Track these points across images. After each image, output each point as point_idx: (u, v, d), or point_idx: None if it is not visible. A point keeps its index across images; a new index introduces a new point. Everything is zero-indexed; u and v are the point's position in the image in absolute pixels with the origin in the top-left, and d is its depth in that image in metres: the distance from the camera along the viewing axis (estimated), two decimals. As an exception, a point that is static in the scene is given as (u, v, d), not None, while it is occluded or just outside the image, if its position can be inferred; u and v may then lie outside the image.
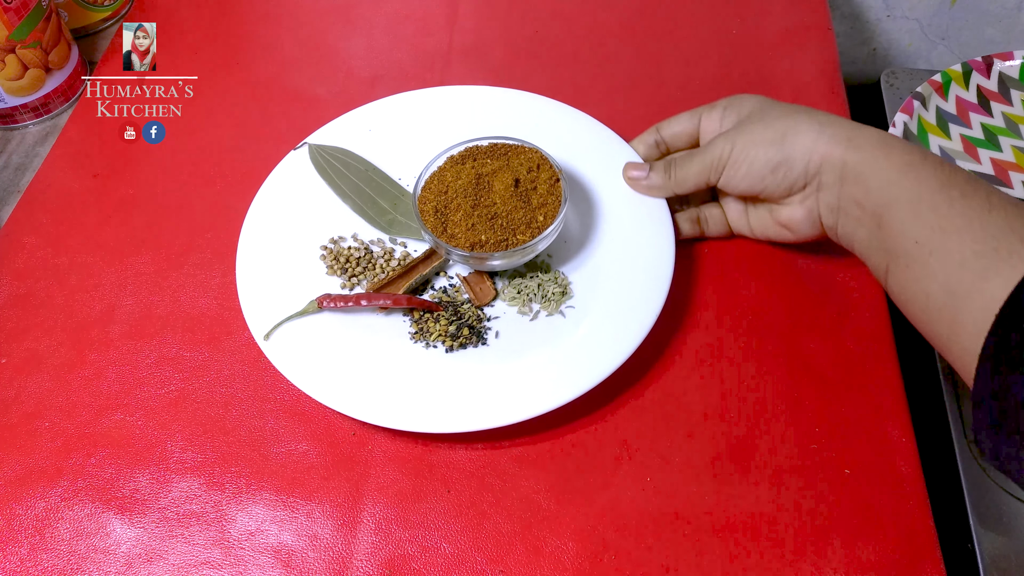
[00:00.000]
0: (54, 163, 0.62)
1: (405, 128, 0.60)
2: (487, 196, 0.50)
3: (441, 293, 0.52)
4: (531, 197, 0.50)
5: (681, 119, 0.53)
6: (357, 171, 0.57)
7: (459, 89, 0.61)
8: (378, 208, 0.55)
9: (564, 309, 0.50)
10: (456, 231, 0.49)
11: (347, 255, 0.53)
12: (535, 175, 0.51)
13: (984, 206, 0.37)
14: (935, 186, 0.39)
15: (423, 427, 0.45)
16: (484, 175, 0.51)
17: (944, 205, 0.38)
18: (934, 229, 0.38)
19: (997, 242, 0.36)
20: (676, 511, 0.44)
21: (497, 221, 0.49)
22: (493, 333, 0.50)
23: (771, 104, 0.48)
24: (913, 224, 0.40)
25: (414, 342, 0.50)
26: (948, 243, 0.38)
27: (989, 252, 0.36)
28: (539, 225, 0.49)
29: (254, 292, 0.51)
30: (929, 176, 0.40)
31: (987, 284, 0.35)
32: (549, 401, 0.45)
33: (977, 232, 0.37)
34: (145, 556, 0.43)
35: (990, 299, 0.35)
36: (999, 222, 0.36)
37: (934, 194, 0.39)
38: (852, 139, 0.43)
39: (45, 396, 0.50)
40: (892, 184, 0.41)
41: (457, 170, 0.51)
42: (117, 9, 0.74)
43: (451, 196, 0.50)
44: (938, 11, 0.89)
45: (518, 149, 0.52)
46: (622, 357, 0.46)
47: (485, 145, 0.53)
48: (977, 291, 0.36)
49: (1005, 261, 0.35)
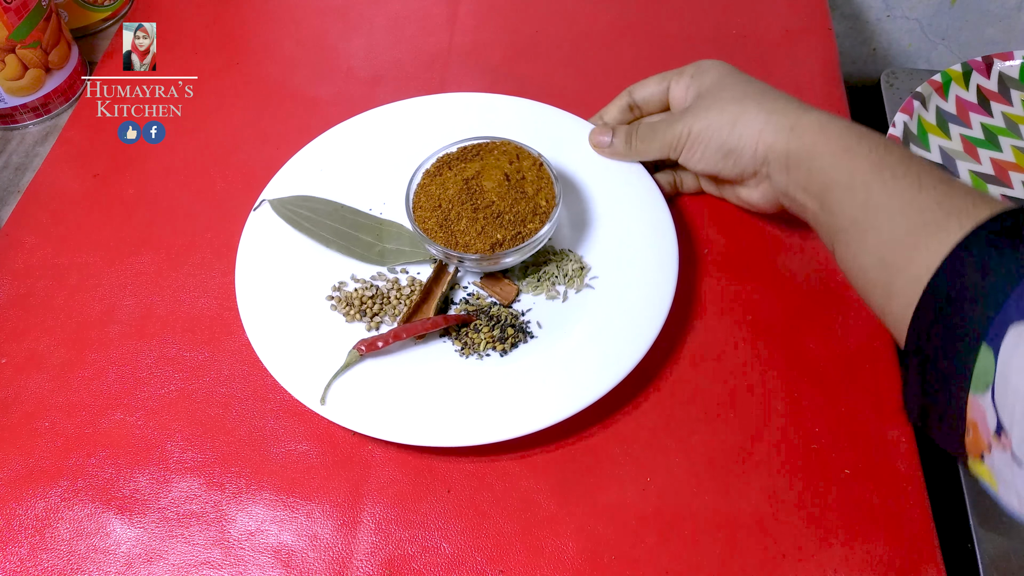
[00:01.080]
0: (54, 163, 0.62)
1: (354, 157, 0.58)
2: (482, 197, 0.50)
3: (465, 304, 0.52)
4: (525, 187, 0.50)
5: (651, 83, 0.55)
6: (327, 213, 0.54)
7: (399, 105, 0.60)
8: (363, 243, 0.54)
9: (590, 281, 0.51)
10: (466, 239, 0.48)
11: (359, 296, 0.51)
12: (518, 165, 0.51)
13: (915, 185, 0.40)
14: (868, 167, 0.42)
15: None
16: (470, 178, 0.50)
17: (877, 185, 0.41)
18: (869, 208, 0.41)
19: (925, 218, 0.38)
20: (676, 511, 0.44)
21: (504, 218, 0.49)
22: (535, 324, 0.50)
23: (729, 80, 0.50)
24: (850, 205, 0.42)
25: (465, 358, 0.49)
26: (881, 221, 0.40)
27: (918, 228, 0.38)
28: (545, 209, 0.49)
29: (285, 360, 0.47)
30: (864, 158, 0.42)
31: (917, 254, 0.38)
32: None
33: (908, 210, 0.39)
34: (145, 556, 0.43)
35: (920, 269, 0.37)
36: (928, 200, 0.39)
37: (867, 175, 0.42)
38: (795, 127, 0.45)
39: (45, 396, 0.50)
40: (830, 168, 0.43)
41: (440, 181, 0.51)
42: (117, 9, 0.74)
43: (448, 208, 0.49)
44: (938, 11, 0.89)
45: (489, 146, 0.52)
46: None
47: (454, 151, 0.52)
48: (908, 262, 0.38)
49: (933, 236, 0.37)
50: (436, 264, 0.52)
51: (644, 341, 0.47)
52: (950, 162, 0.60)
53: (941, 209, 0.38)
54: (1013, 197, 0.58)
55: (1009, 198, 0.58)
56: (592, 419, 0.47)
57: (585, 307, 0.50)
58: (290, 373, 0.47)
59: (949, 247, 0.36)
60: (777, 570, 0.42)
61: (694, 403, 0.48)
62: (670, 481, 0.45)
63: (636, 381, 0.48)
